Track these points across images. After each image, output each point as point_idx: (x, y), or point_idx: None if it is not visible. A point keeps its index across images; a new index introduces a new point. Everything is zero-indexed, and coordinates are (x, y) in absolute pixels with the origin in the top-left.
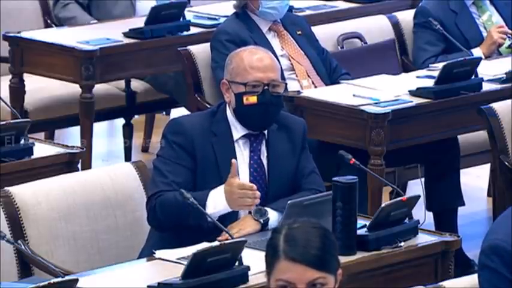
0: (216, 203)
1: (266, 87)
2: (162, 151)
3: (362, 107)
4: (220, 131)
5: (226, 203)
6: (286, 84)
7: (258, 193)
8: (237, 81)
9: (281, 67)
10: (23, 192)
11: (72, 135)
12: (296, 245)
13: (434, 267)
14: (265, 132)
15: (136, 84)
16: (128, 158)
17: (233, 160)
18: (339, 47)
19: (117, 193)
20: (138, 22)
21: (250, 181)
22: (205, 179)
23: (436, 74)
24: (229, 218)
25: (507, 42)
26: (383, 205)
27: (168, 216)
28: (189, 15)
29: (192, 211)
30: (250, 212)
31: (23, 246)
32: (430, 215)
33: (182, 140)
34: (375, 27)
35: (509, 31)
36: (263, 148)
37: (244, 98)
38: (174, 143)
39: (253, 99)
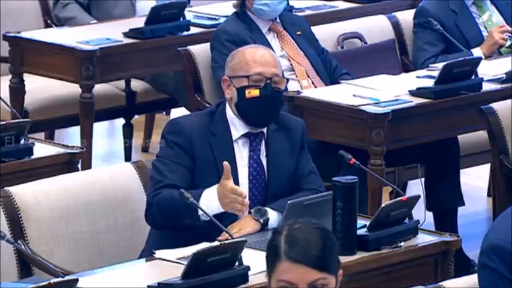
0: (210, 202)
1: (268, 82)
2: (161, 151)
3: (362, 107)
4: (219, 131)
5: (219, 203)
6: (287, 80)
7: (247, 201)
8: (239, 75)
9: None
10: (23, 192)
11: (72, 135)
12: (297, 245)
13: (434, 267)
14: (265, 131)
15: (136, 84)
16: (128, 158)
17: (225, 162)
18: (339, 47)
19: (117, 193)
20: (138, 22)
21: (250, 180)
22: (203, 179)
23: (436, 74)
24: (228, 218)
25: (508, 43)
26: (383, 205)
27: (164, 215)
28: (189, 15)
29: (187, 211)
30: (250, 212)
31: (23, 246)
32: (430, 215)
33: (181, 140)
34: (375, 27)
35: (510, 29)
36: (262, 148)
37: (247, 92)
38: (173, 143)
39: (255, 92)
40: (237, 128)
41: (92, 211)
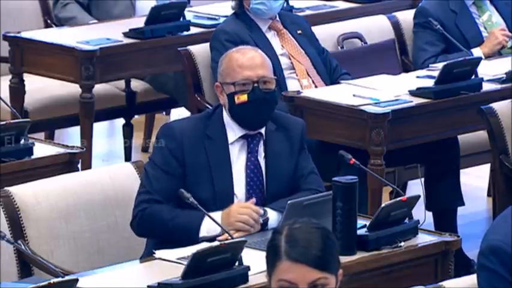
0: (210, 228)
1: (256, 85)
2: (153, 155)
3: (362, 107)
4: (215, 134)
5: (221, 222)
6: (277, 80)
7: (257, 219)
8: (227, 82)
9: (281, 66)
10: (23, 192)
11: (72, 135)
12: (297, 245)
13: (434, 267)
14: (263, 132)
15: (136, 84)
16: (128, 158)
17: (252, 201)
18: (339, 47)
19: (117, 193)
20: (138, 22)
21: (247, 182)
22: (196, 183)
23: (436, 74)
24: None
25: (509, 44)
26: (383, 205)
27: (155, 232)
28: (189, 15)
29: (182, 234)
30: None
31: (23, 246)
32: (430, 215)
33: (172, 145)
34: (374, 27)
35: (510, 34)
36: (261, 149)
37: (236, 98)
38: (164, 148)
39: (243, 97)
40: (234, 130)
41: (92, 211)
